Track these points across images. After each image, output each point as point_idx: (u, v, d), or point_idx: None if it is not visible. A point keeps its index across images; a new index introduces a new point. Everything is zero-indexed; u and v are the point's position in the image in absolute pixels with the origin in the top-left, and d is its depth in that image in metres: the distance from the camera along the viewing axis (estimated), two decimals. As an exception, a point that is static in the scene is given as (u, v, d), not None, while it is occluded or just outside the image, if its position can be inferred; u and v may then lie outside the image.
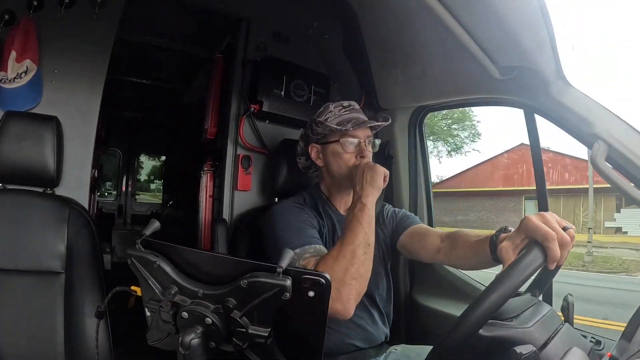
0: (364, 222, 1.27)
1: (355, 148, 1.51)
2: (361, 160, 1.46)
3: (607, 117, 1.26)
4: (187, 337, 0.70)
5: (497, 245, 1.05)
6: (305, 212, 1.50)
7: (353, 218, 1.29)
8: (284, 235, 1.38)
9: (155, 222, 0.86)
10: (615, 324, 5.20)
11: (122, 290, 0.92)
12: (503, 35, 1.23)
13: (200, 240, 2.48)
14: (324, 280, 0.68)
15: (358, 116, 1.55)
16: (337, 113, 1.55)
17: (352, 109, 1.58)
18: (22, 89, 1.64)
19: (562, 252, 0.82)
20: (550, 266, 0.82)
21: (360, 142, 1.51)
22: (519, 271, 0.75)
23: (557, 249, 0.81)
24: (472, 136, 20.89)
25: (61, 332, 1.42)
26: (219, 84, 2.48)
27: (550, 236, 0.81)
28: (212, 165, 2.49)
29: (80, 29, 1.79)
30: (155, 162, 9.85)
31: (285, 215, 1.46)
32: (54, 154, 1.53)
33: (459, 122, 20.63)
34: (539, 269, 0.81)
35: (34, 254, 1.45)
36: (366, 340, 1.51)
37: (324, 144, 1.56)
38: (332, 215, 1.57)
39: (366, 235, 1.26)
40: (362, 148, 1.50)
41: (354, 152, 1.51)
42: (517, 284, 0.73)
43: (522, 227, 0.89)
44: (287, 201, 1.57)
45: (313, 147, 1.59)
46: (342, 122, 1.51)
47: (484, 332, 0.76)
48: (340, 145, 1.50)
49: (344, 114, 1.55)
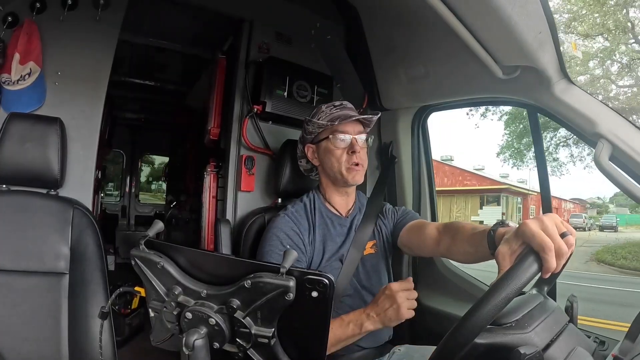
0: (360, 334, 1.36)
1: (347, 144, 1.53)
2: (394, 291, 1.32)
3: (610, 116, 1.26)
4: (190, 338, 0.70)
5: (494, 241, 1.05)
6: (296, 231, 1.52)
7: (352, 334, 1.36)
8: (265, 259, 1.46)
9: (158, 223, 0.86)
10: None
11: (126, 291, 0.92)
12: (506, 34, 1.23)
13: (203, 240, 2.48)
14: (327, 280, 0.68)
15: (348, 113, 1.56)
16: (328, 112, 1.57)
17: (342, 107, 1.59)
18: (25, 90, 1.64)
19: (559, 261, 0.79)
20: (544, 276, 0.79)
21: (352, 138, 1.53)
22: (513, 282, 0.74)
23: (552, 260, 0.77)
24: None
25: (65, 332, 1.42)
26: (222, 85, 2.48)
27: (547, 246, 0.77)
28: (216, 166, 2.48)
29: (83, 30, 1.80)
30: (157, 164, 9.92)
31: (273, 239, 1.50)
32: (57, 155, 1.53)
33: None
34: (533, 278, 0.79)
35: (38, 255, 1.45)
36: (369, 340, 1.51)
37: (318, 142, 1.59)
38: (327, 220, 1.60)
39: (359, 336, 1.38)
40: (353, 143, 1.52)
41: (345, 148, 1.53)
42: (511, 295, 0.72)
43: (519, 232, 0.86)
44: (285, 213, 1.59)
45: (309, 147, 1.63)
46: (332, 119, 1.53)
47: (480, 340, 0.76)
48: (331, 142, 1.53)
49: (334, 112, 1.56)
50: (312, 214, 1.60)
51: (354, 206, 1.66)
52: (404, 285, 1.32)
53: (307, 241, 1.53)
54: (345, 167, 1.53)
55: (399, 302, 1.28)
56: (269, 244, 1.49)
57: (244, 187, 2.04)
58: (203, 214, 2.50)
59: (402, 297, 1.29)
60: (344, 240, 1.57)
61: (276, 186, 1.90)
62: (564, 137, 13.54)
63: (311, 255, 1.53)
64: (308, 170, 1.74)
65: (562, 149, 13.83)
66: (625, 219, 19.86)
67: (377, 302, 1.34)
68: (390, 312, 1.30)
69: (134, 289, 0.90)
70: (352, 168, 1.53)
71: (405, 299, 1.30)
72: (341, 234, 1.59)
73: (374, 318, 1.32)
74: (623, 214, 20.86)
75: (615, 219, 19.40)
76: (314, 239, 1.55)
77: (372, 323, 1.32)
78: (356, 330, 1.34)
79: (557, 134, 13.64)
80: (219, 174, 2.46)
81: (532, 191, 21.57)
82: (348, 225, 1.61)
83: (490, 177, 22.15)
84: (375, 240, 1.62)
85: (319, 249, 1.54)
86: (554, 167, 14.20)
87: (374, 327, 1.33)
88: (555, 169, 14.29)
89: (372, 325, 1.32)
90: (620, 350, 0.88)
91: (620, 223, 18.88)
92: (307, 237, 1.53)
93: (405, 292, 1.31)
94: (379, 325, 1.33)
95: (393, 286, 1.32)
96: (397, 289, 1.31)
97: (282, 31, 2.23)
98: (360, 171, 1.55)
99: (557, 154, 13.94)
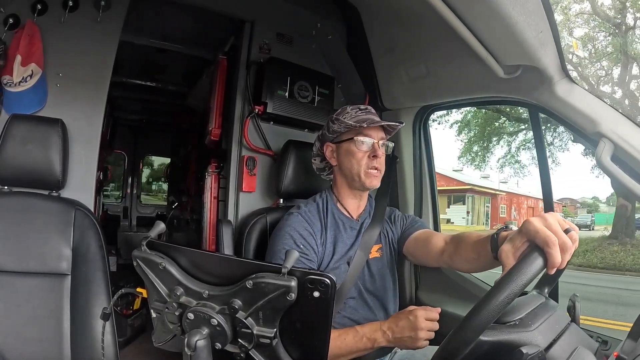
0: (372, 349, 1.36)
1: (369, 148, 1.52)
2: (418, 320, 1.28)
3: (612, 116, 1.25)
4: (193, 339, 0.70)
5: (498, 244, 1.05)
6: (310, 231, 1.52)
7: (364, 348, 1.36)
8: (275, 259, 1.47)
9: (160, 224, 0.86)
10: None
11: (128, 291, 0.92)
12: (506, 33, 1.23)
13: (205, 241, 2.48)
14: (329, 280, 0.68)
15: (374, 117, 1.55)
16: (353, 114, 1.56)
17: (368, 111, 1.58)
18: (27, 92, 1.64)
19: (564, 256, 0.79)
20: (550, 271, 0.79)
21: (374, 143, 1.52)
22: (518, 278, 0.73)
23: (557, 255, 0.78)
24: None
25: (67, 333, 1.43)
26: (223, 85, 2.48)
27: (551, 241, 0.78)
28: (217, 167, 2.49)
29: (84, 32, 1.80)
30: (156, 165, 9.94)
31: (286, 238, 1.49)
32: (59, 156, 1.54)
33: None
34: (538, 274, 0.79)
35: (40, 256, 1.46)
36: (371, 340, 1.52)
37: (339, 142, 1.58)
38: (338, 221, 1.60)
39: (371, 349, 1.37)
40: (375, 148, 1.52)
41: (367, 152, 1.52)
42: (516, 292, 0.72)
43: (522, 229, 0.86)
44: (298, 211, 1.58)
45: (328, 146, 1.62)
46: (357, 122, 1.52)
47: (485, 338, 0.75)
48: (354, 143, 1.52)
49: (360, 115, 1.55)
50: (325, 214, 1.59)
51: (364, 209, 1.66)
52: (430, 315, 1.29)
53: (319, 242, 1.52)
54: (365, 170, 1.52)
55: (419, 335, 1.26)
56: (282, 242, 1.47)
57: (245, 187, 2.04)
58: (204, 215, 2.51)
59: (423, 329, 1.27)
60: (353, 243, 1.57)
61: (277, 187, 1.90)
62: (524, 140, 14.11)
63: (322, 256, 1.52)
64: (320, 170, 1.73)
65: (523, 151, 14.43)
66: (605, 219, 20.04)
67: (397, 323, 1.32)
68: (407, 339, 1.29)
69: (135, 290, 0.89)
70: (370, 172, 1.53)
71: (426, 331, 1.27)
72: (351, 236, 1.59)
73: (388, 337, 1.31)
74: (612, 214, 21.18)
75: (591, 218, 19.80)
76: (325, 240, 1.54)
77: (385, 340, 1.32)
78: (368, 345, 1.34)
79: (516, 138, 14.28)
80: (220, 174, 2.46)
81: (500, 191, 22.52)
82: (358, 228, 1.61)
83: (456, 178, 22.59)
84: (381, 245, 1.62)
85: (329, 251, 1.53)
86: (516, 169, 14.93)
87: (386, 345, 1.33)
88: (517, 171, 15.01)
89: (385, 342, 1.32)
90: (623, 349, 0.88)
91: (600, 222, 19.02)
92: (319, 238, 1.53)
93: (428, 323, 1.28)
94: (391, 344, 1.33)
95: (419, 314, 1.28)
96: (421, 320, 1.27)
97: (283, 32, 2.23)
98: (378, 177, 1.55)
99: (519, 156, 14.51)
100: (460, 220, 21.30)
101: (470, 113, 14.05)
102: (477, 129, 14.36)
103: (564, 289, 1.41)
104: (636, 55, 11.56)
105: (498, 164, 14.92)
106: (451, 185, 22.36)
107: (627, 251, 10.81)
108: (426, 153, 2.13)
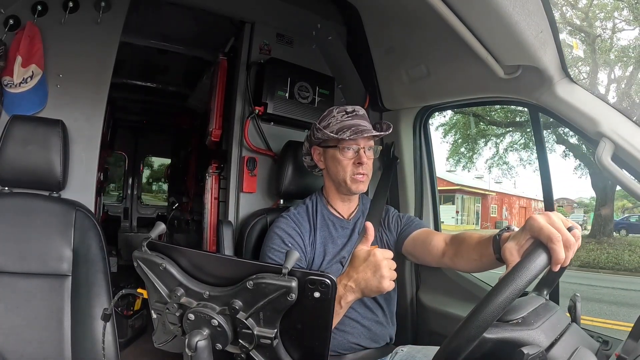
0: (343, 310, 1.20)
1: (354, 155, 1.51)
2: (379, 259, 1.12)
3: (612, 116, 1.25)
4: (193, 339, 0.70)
5: (500, 245, 1.05)
6: (297, 231, 1.52)
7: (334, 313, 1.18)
8: (264, 259, 1.47)
9: (160, 224, 0.86)
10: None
11: (129, 292, 0.92)
12: (507, 33, 1.23)
13: (205, 242, 2.48)
14: (329, 280, 0.69)
15: (360, 123, 1.53)
16: (339, 119, 1.54)
17: (355, 114, 1.56)
18: (27, 93, 1.65)
19: (567, 253, 0.80)
20: (554, 268, 0.81)
21: (360, 150, 1.51)
22: (522, 274, 0.74)
23: (561, 251, 0.79)
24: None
25: (68, 334, 1.43)
26: (223, 86, 2.48)
27: (555, 237, 0.79)
28: (217, 168, 2.49)
29: (84, 33, 1.80)
30: (156, 165, 9.96)
31: (275, 238, 1.50)
32: (60, 157, 1.54)
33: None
34: (542, 271, 0.80)
35: (41, 257, 1.46)
36: (371, 339, 1.51)
37: (325, 147, 1.57)
38: (328, 222, 1.60)
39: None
40: (360, 155, 1.50)
41: (352, 159, 1.51)
42: (520, 287, 0.72)
43: (526, 227, 0.88)
44: (287, 215, 1.59)
45: (315, 149, 1.62)
46: (342, 129, 1.50)
47: (489, 335, 0.76)
48: (339, 151, 1.51)
49: (345, 120, 1.53)
50: (314, 216, 1.60)
51: (356, 209, 1.66)
52: (387, 253, 1.13)
53: (307, 242, 1.53)
54: (350, 177, 1.52)
55: (383, 273, 1.09)
56: (272, 242, 1.49)
57: (245, 188, 2.04)
58: (205, 216, 2.51)
59: (386, 267, 1.10)
60: (345, 243, 1.57)
61: (278, 187, 1.90)
62: (511, 142, 14.26)
63: (311, 256, 1.52)
64: (311, 167, 1.72)
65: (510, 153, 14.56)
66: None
67: (356, 268, 1.13)
68: (372, 282, 1.10)
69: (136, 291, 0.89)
70: (356, 178, 1.52)
71: (389, 269, 1.11)
72: (343, 236, 1.58)
73: (352, 288, 1.13)
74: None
75: (583, 218, 19.95)
76: (314, 240, 1.55)
77: (352, 293, 1.14)
78: (337, 308, 1.16)
79: (503, 139, 14.38)
80: (220, 175, 2.46)
81: (489, 191, 22.40)
82: (350, 228, 1.61)
83: (448, 179, 22.72)
84: (377, 245, 1.61)
85: (319, 251, 1.53)
86: (504, 170, 15.07)
87: (354, 298, 1.15)
88: (505, 172, 15.14)
89: (352, 296, 1.14)
90: (624, 349, 0.88)
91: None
92: (307, 238, 1.53)
93: (388, 261, 1.12)
94: (358, 295, 1.14)
95: (376, 251, 1.12)
96: (379, 255, 1.11)
97: (283, 32, 2.23)
98: (364, 181, 1.54)
99: (507, 158, 14.61)
100: (450, 220, 21.57)
101: (453, 118, 14.35)
102: (461, 132, 14.67)
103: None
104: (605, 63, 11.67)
105: (486, 165, 15.19)
106: (442, 185, 22.49)
107: (602, 249, 10.91)
108: (427, 153, 2.12)
